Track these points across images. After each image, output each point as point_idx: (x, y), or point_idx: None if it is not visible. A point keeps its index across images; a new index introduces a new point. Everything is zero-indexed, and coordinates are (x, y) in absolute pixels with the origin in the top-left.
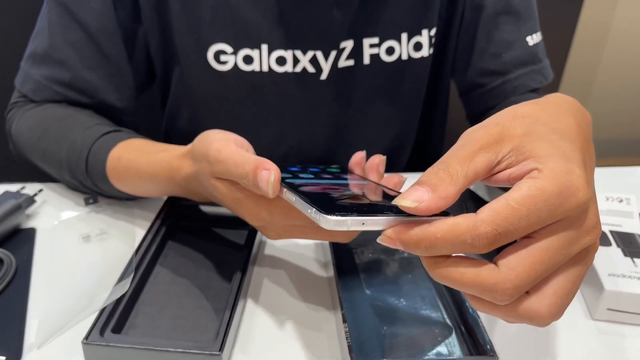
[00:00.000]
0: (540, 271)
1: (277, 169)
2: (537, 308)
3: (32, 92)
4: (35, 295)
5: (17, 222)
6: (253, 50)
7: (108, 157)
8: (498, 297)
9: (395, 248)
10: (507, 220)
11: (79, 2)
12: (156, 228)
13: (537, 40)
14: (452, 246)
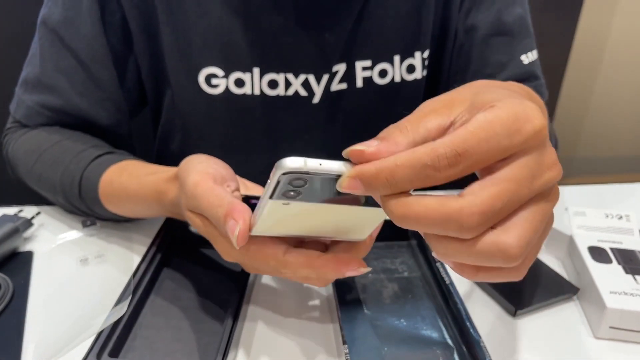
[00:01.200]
0: (505, 201)
1: (245, 218)
2: (505, 239)
3: (25, 117)
4: (32, 318)
5: (15, 245)
6: (244, 73)
7: (100, 180)
8: (464, 224)
9: (357, 193)
10: (465, 142)
11: (70, 28)
12: (153, 251)
13: (533, 58)
14: (412, 171)
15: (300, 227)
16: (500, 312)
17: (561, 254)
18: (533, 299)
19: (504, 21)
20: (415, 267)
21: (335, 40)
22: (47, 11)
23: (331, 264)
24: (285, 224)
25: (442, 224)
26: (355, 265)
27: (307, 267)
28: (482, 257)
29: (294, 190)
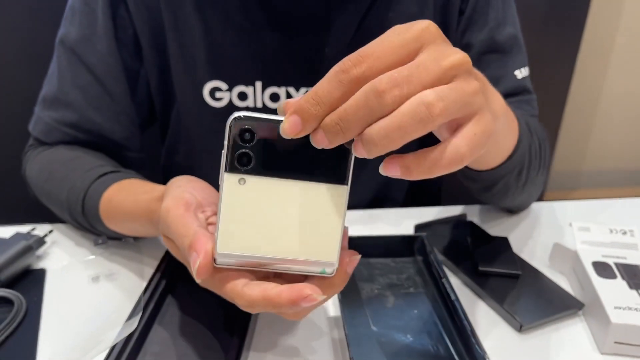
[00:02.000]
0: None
1: (207, 251)
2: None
3: (42, 134)
4: (45, 335)
5: (28, 263)
6: (247, 87)
7: (101, 198)
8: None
9: (298, 134)
10: (365, 47)
11: (86, 46)
12: (164, 268)
13: (526, 74)
14: (334, 84)
15: (263, 237)
16: (506, 327)
17: (566, 269)
18: (538, 314)
19: (496, 40)
20: (420, 283)
21: (334, 55)
22: (65, 31)
23: (285, 293)
24: (245, 224)
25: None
26: (309, 294)
27: (263, 299)
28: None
29: (245, 155)
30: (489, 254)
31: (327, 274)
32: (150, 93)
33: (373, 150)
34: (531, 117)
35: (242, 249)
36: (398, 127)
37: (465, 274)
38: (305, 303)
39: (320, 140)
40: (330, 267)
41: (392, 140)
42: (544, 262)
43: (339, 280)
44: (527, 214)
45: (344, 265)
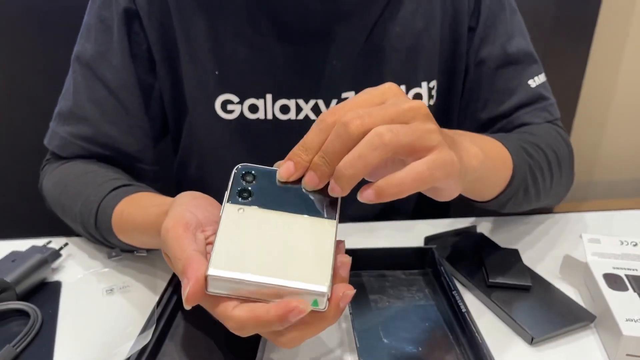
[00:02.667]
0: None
1: (198, 277)
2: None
3: (58, 148)
4: (61, 347)
5: (44, 276)
6: (258, 99)
7: (113, 211)
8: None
9: (291, 178)
10: (342, 102)
11: (102, 61)
12: (176, 282)
13: (540, 81)
14: (319, 134)
15: (255, 261)
16: (517, 340)
17: (577, 281)
18: (550, 327)
19: (508, 52)
20: (431, 295)
21: (342, 68)
22: (80, 48)
23: (272, 309)
24: (240, 247)
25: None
26: (296, 306)
27: (252, 319)
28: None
29: (246, 191)
30: (499, 266)
31: (318, 307)
32: (163, 106)
33: (343, 182)
34: (547, 123)
35: (234, 270)
36: (359, 155)
37: (476, 286)
38: (293, 316)
39: (311, 180)
40: (322, 297)
41: (356, 169)
42: (555, 274)
43: (331, 314)
44: (537, 226)
45: (336, 299)
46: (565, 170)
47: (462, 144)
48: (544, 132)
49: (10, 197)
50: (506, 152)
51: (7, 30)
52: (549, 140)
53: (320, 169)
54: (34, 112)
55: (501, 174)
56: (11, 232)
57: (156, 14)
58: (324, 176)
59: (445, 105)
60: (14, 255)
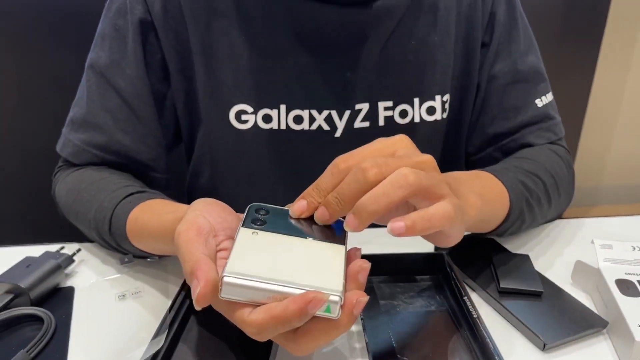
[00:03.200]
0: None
1: (208, 279)
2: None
3: (71, 155)
4: (74, 352)
5: (57, 282)
6: (272, 110)
7: (128, 218)
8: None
9: (302, 214)
10: (355, 150)
11: (116, 70)
12: (188, 287)
13: (547, 100)
14: (330, 178)
15: (269, 267)
16: (529, 346)
17: (589, 287)
18: (562, 333)
19: (519, 70)
20: (442, 301)
21: (356, 80)
22: (95, 56)
23: (290, 305)
24: (254, 256)
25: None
26: (314, 296)
27: (271, 319)
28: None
29: (259, 220)
30: (510, 272)
31: (331, 315)
32: (176, 116)
33: (364, 217)
34: (549, 144)
35: (248, 277)
36: (383, 193)
37: (487, 292)
38: (312, 307)
39: (322, 215)
40: (335, 304)
41: (379, 205)
42: (566, 280)
43: (344, 321)
44: (547, 232)
45: (350, 306)
46: (564, 190)
47: (462, 193)
48: (545, 156)
49: (23, 203)
50: (504, 190)
51: (18, 37)
52: (548, 165)
53: (332, 207)
54: (44, 119)
55: (497, 214)
56: (24, 238)
57: (171, 24)
58: (335, 214)
59: (457, 119)
60: (28, 261)
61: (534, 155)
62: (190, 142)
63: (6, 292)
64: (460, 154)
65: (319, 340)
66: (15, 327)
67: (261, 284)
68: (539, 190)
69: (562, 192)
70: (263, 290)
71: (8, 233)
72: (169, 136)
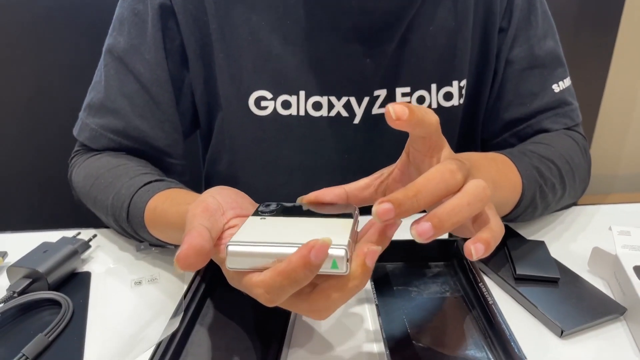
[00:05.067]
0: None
1: (191, 244)
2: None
3: (88, 140)
4: (91, 335)
5: (74, 267)
6: (291, 96)
7: (146, 206)
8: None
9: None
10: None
11: (135, 55)
12: (203, 272)
13: (565, 86)
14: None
15: (275, 238)
16: (546, 332)
17: (606, 274)
18: (580, 320)
19: (536, 55)
20: (457, 287)
21: (375, 66)
22: (113, 40)
23: (293, 256)
24: (259, 234)
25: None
26: (315, 242)
27: (277, 275)
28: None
29: (269, 211)
30: (526, 258)
31: (338, 270)
32: (194, 102)
33: (445, 227)
34: (565, 130)
35: (254, 239)
36: (468, 203)
37: (502, 278)
38: (315, 255)
39: (386, 213)
40: (340, 250)
41: (462, 216)
42: (583, 267)
43: (357, 274)
44: (563, 218)
45: (362, 255)
46: (580, 177)
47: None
48: (561, 141)
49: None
50: (517, 177)
51: (32, 24)
52: (564, 151)
53: (406, 206)
54: (59, 106)
55: (509, 201)
56: (41, 223)
57: (191, 10)
58: (404, 213)
59: (473, 105)
60: (45, 246)
61: (550, 140)
62: (208, 129)
63: (24, 276)
64: (476, 139)
65: (334, 299)
66: (33, 311)
67: (265, 248)
68: (554, 177)
69: (577, 179)
70: (268, 255)
71: (25, 219)
72: (186, 122)
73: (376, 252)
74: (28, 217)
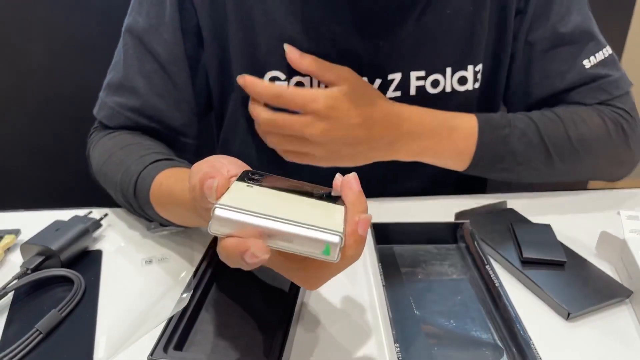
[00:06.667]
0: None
1: (222, 175)
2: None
3: (106, 118)
4: (103, 310)
5: (86, 245)
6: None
7: (153, 182)
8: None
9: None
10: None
11: (153, 34)
12: (213, 251)
13: (599, 59)
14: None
15: (266, 204)
16: (552, 315)
17: (614, 258)
18: (586, 302)
19: (560, 32)
20: (463, 269)
21: (389, 48)
22: (132, 20)
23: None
24: (248, 201)
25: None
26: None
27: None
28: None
29: (254, 179)
30: (532, 242)
31: (329, 257)
32: (208, 83)
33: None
34: (597, 105)
35: (242, 212)
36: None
37: (509, 261)
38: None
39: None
40: (335, 237)
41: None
42: (590, 251)
43: (350, 242)
44: (570, 203)
45: (353, 224)
46: (596, 151)
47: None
48: (576, 115)
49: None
50: (467, 150)
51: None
52: (572, 124)
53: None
54: (71, 85)
55: (449, 165)
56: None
57: None
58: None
59: (489, 89)
60: (57, 225)
61: (563, 112)
62: (222, 110)
63: (37, 254)
64: None
65: (327, 270)
66: (46, 288)
67: (256, 219)
68: (533, 150)
69: (585, 153)
70: (257, 227)
71: (37, 197)
72: (201, 103)
73: (367, 221)
74: (40, 195)
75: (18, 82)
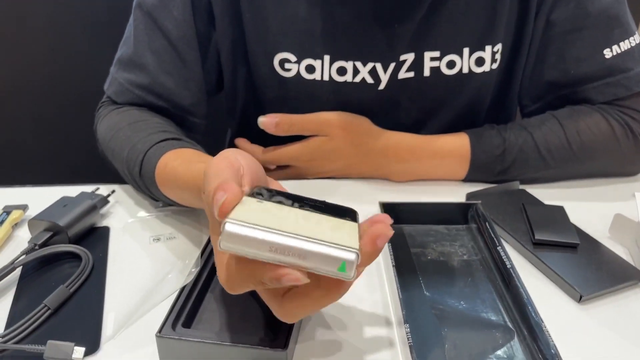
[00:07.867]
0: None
1: (234, 192)
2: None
3: (115, 94)
4: (111, 286)
5: (93, 221)
6: (315, 60)
7: (158, 162)
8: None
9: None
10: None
11: (163, 11)
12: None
13: (622, 49)
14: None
15: (278, 220)
16: (564, 297)
17: (627, 241)
18: (599, 285)
19: (585, 14)
20: (474, 250)
21: (403, 32)
22: None
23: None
24: (260, 217)
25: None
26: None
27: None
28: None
29: (262, 193)
30: (544, 223)
31: (346, 274)
32: (219, 61)
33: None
34: (605, 105)
35: (254, 227)
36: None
37: (521, 243)
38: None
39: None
40: (351, 254)
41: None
42: (604, 234)
43: (366, 249)
44: (583, 184)
45: (372, 235)
46: (601, 158)
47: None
48: (581, 121)
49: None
50: (464, 168)
51: None
52: (574, 132)
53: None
54: (78, 62)
55: (452, 174)
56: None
57: None
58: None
59: (509, 69)
60: (65, 201)
61: (564, 114)
62: (233, 89)
63: (45, 229)
64: (508, 107)
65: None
66: (54, 264)
67: (268, 234)
68: (529, 165)
69: (583, 160)
70: (270, 243)
71: (45, 173)
72: (211, 82)
73: (386, 234)
74: (47, 171)
75: (26, 57)
